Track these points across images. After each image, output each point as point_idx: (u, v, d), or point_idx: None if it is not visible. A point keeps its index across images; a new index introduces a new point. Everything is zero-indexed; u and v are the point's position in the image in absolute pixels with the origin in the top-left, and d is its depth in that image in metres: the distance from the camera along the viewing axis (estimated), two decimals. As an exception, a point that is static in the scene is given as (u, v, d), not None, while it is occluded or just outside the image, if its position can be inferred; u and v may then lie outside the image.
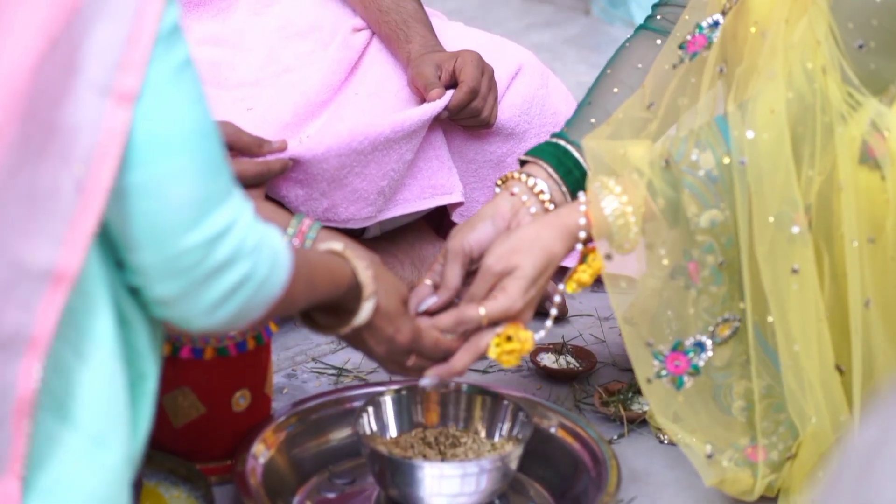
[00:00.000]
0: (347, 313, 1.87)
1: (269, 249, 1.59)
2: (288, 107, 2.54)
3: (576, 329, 2.60)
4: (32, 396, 1.47)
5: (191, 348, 2.05)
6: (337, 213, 2.43)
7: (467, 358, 2.01)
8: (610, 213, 1.99)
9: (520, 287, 1.99)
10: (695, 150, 1.98)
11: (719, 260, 2.02)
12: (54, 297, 1.46)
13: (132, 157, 1.48)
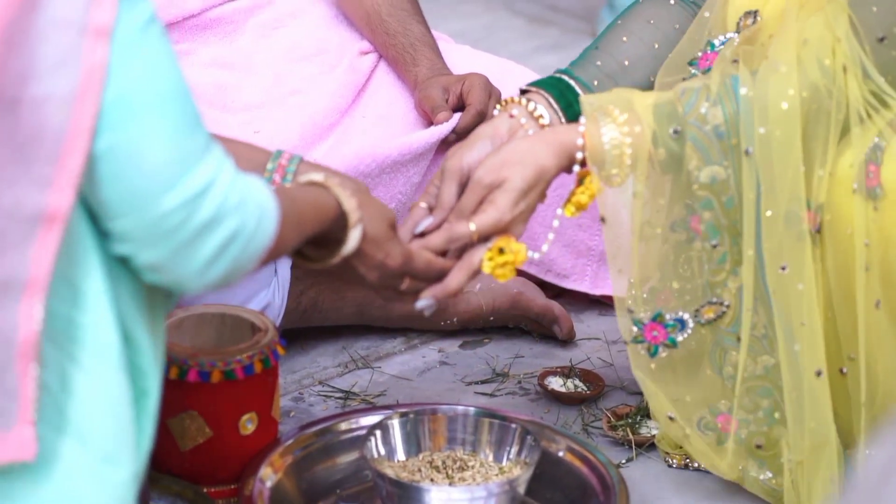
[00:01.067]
0: (335, 243, 1.85)
1: (254, 201, 1.57)
2: (295, 130, 2.54)
3: (583, 352, 2.59)
4: (36, 339, 1.46)
5: (198, 371, 2.04)
6: (344, 236, 2.42)
7: (461, 276, 2.00)
8: (608, 140, 1.98)
9: (509, 199, 1.98)
10: (705, 104, 1.97)
11: (720, 219, 2.00)
12: (47, 239, 1.46)
13: (101, 122, 1.47)
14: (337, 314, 2.55)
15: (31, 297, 1.47)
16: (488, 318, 2.62)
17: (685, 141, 1.98)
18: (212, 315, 2.18)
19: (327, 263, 1.87)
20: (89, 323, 1.52)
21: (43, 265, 1.47)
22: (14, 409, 1.48)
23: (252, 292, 2.41)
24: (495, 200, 1.98)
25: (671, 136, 1.98)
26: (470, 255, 2.00)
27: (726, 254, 2.03)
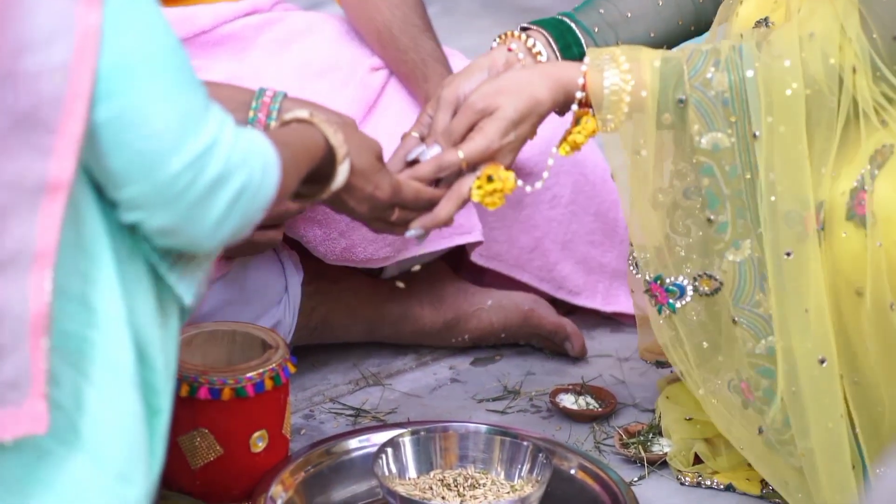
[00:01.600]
0: (325, 179, 1.86)
1: (257, 154, 1.58)
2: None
3: (595, 370, 2.58)
4: (47, 311, 1.47)
5: (208, 388, 2.04)
6: (355, 253, 2.42)
7: (450, 205, 2.01)
8: (608, 84, 1.98)
9: (498, 128, 1.98)
10: (711, 69, 1.96)
11: (721, 188, 1.98)
12: (52, 209, 1.46)
13: (100, 90, 1.47)
14: (347, 331, 2.54)
15: (41, 270, 1.47)
16: (500, 336, 2.62)
17: (688, 105, 1.97)
18: (222, 332, 2.18)
19: (318, 199, 1.89)
20: (104, 341, 1.52)
21: (49, 236, 1.47)
22: (27, 383, 1.48)
23: (263, 309, 2.41)
24: (484, 128, 1.98)
25: (676, 103, 1.97)
26: (459, 184, 2.01)
27: (727, 223, 2.01)
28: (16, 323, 1.47)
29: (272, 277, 2.43)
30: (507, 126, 1.99)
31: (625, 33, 2.17)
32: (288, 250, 2.47)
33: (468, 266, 2.69)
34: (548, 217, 2.66)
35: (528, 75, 2.01)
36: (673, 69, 1.98)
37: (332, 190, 1.87)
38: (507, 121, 1.98)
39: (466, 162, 2.00)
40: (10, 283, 1.47)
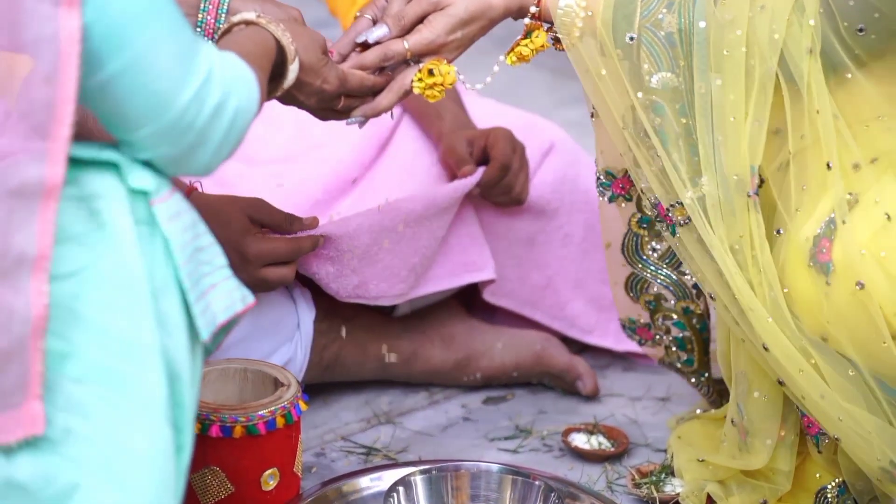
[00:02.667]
0: (277, 78, 1.92)
1: (241, 76, 1.67)
2: (318, 183, 2.54)
3: (608, 409, 2.57)
4: (45, 313, 1.51)
5: (220, 426, 2.03)
6: (368, 289, 2.42)
7: (392, 95, 2.07)
8: (562, 6, 2.02)
9: (446, 24, 2.03)
10: (663, 10, 2.00)
11: (673, 126, 2.01)
12: (47, 212, 1.51)
13: (105, 48, 1.54)
14: (359, 369, 2.54)
15: (39, 273, 1.51)
16: (512, 374, 2.61)
17: (640, 44, 2.00)
18: (234, 370, 2.17)
19: (269, 98, 1.95)
20: (139, 376, 1.53)
21: (46, 238, 1.51)
22: (25, 386, 1.51)
23: (275, 347, 2.40)
24: (433, 22, 2.04)
25: (626, 41, 2.00)
26: (402, 76, 2.07)
27: (682, 161, 2.02)
28: (20, 328, 1.50)
29: (284, 315, 2.43)
30: (455, 23, 2.04)
31: None
32: (300, 287, 2.46)
33: (480, 304, 2.69)
34: (560, 255, 2.66)
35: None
36: (627, 5, 2.01)
37: (284, 88, 1.94)
38: (456, 18, 2.04)
39: (411, 52, 2.05)
40: (14, 288, 1.50)
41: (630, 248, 2.27)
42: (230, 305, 1.67)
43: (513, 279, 2.64)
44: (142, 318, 1.55)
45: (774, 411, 2.14)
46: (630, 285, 2.32)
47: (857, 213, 1.93)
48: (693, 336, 2.36)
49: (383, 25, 2.05)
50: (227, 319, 1.66)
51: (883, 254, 1.90)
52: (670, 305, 2.32)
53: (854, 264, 1.91)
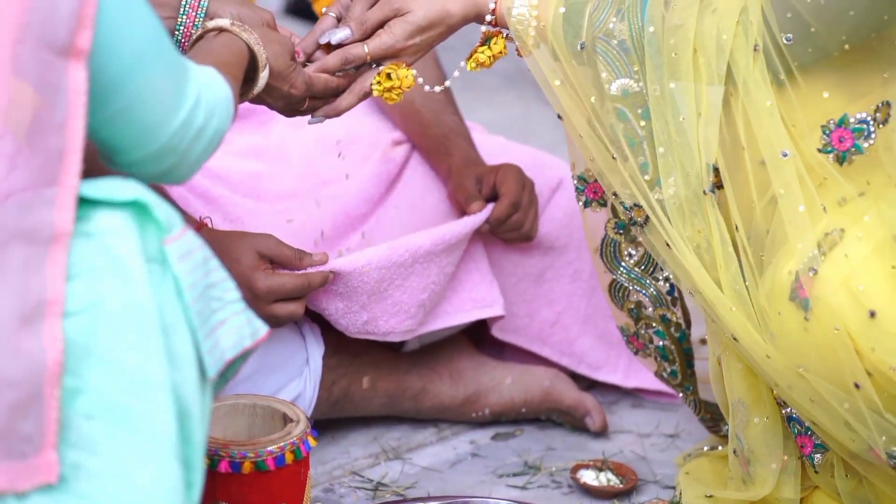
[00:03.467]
0: (248, 82, 2.03)
1: (223, 100, 1.74)
2: (328, 219, 2.55)
3: (616, 445, 2.57)
4: (61, 360, 1.52)
5: (229, 462, 2.03)
6: (377, 325, 2.42)
7: (352, 97, 2.16)
8: (515, 14, 2.09)
9: (405, 30, 2.12)
10: (613, 19, 2.04)
11: (636, 131, 2.04)
12: (58, 257, 1.54)
13: (108, 90, 1.60)
14: (368, 405, 2.54)
15: (53, 318, 1.52)
16: (520, 410, 2.61)
17: (595, 54, 2.04)
18: (243, 405, 2.17)
19: (241, 102, 2.04)
20: (149, 412, 1.53)
21: (58, 283, 1.53)
22: (41, 435, 1.51)
23: (284, 382, 2.41)
24: (393, 28, 2.12)
25: (577, 49, 2.05)
26: (362, 79, 2.16)
27: (647, 163, 2.06)
28: (36, 376, 1.51)
29: (294, 350, 2.43)
30: (413, 30, 2.12)
31: None
32: (309, 323, 2.47)
33: (489, 340, 2.69)
34: (569, 291, 2.66)
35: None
36: (576, 16, 2.06)
37: (254, 93, 2.04)
38: (414, 25, 2.12)
39: (371, 56, 2.13)
40: (31, 337, 1.51)
41: (608, 253, 2.30)
42: (239, 341, 1.67)
43: (522, 315, 2.65)
44: (152, 354, 1.55)
45: (775, 435, 2.14)
46: (613, 292, 2.34)
47: (840, 249, 1.94)
48: (673, 346, 2.36)
49: (346, 28, 2.15)
50: (236, 356, 1.67)
51: (861, 287, 1.91)
52: (649, 313, 2.33)
53: (831, 301, 1.92)
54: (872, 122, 1.98)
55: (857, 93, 2.00)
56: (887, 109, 1.98)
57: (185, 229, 1.62)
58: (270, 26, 2.12)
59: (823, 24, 1.95)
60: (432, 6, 2.12)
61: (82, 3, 1.56)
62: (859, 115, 1.98)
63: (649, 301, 2.32)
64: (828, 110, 1.99)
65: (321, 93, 2.14)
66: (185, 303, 1.60)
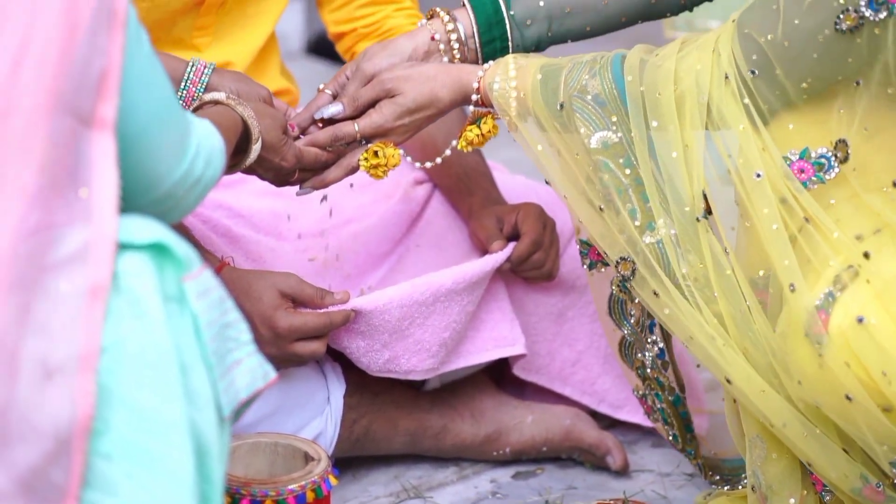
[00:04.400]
0: (240, 154, 2.12)
1: (217, 150, 1.80)
2: (349, 258, 2.56)
3: (637, 484, 2.57)
4: (92, 413, 1.52)
5: (250, 500, 2.04)
6: (399, 364, 2.42)
7: (339, 171, 2.26)
8: (496, 88, 2.16)
9: (394, 111, 2.21)
10: (585, 76, 2.10)
11: (621, 180, 2.08)
12: (94, 312, 1.54)
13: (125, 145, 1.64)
14: (389, 443, 2.54)
15: (86, 373, 1.52)
16: (541, 449, 2.61)
17: (573, 112, 2.09)
18: (265, 444, 2.18)
19: (233, 171, 2.15)
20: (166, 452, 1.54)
21: (93, 339, 1.53)
22: (65, 488, 1.51)
23: (305, 421, 2.41)
24: (383, 108, 2.21)
25: (557, 110, 2.11)
26: (350, 154, 2.26)
27: (635, 210, 2.09)
28: (65, 429, 1.51)
29: (315, 389, 2.44)
30: (402, 112, 2.21)
31: (559, 27, 2.31)
32: (331, 362, 2.47)
33: (509, 379, 2.69)
34: (590, 330, 2.67)
35: (435, 72, 2.22)
36: (553, 80, 2.12)
37: (247, 164, 2.13)
38: (404, 107, 2.20)
39: (361, 135, 2.22)
40: (60, 389, 1.51)
41: (616, 311, 2.32)
42: (252, 382, 1.68)
43: (543, 354, 2.65)
44: (171, 395, 1.55)
45: (793, 470, 2.14)
46: (623, 350, 2.36)
47: (855, 286, 1.95)
48: (670, 409, 2.37)
49: (339, 104, 2.24)
50: (249, 396, 1.68)
51: (874, 321, 1.91)
52: (648, 373, 2.34)
53: (847, 337, 1.92)
54: (834, 159, 2.00)
55: (819, 127, 2.02)
56: (845, 148, 2.01)
57: (204, 267, 1.63)
58: (266, 102, 2.23)
59: (787, 66, 1.99)
60: (422, 90, 2.20)
61: (105, 74, 1.59)
62: (820, 150, 2.02)
63: (649, 362, 2.34)
64: (791, 141, 2.02)
65: (310, 166, 2.24)
66: (202, 341, 1.61)
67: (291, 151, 2.20)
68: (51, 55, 1.55)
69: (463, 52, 2.30)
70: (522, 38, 2.29)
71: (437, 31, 2.30)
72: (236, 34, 2.57)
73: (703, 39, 2.07)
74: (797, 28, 1.97)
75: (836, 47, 1.97)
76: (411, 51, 2.29)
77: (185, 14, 2.47)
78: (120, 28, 1.60)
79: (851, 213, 2.00)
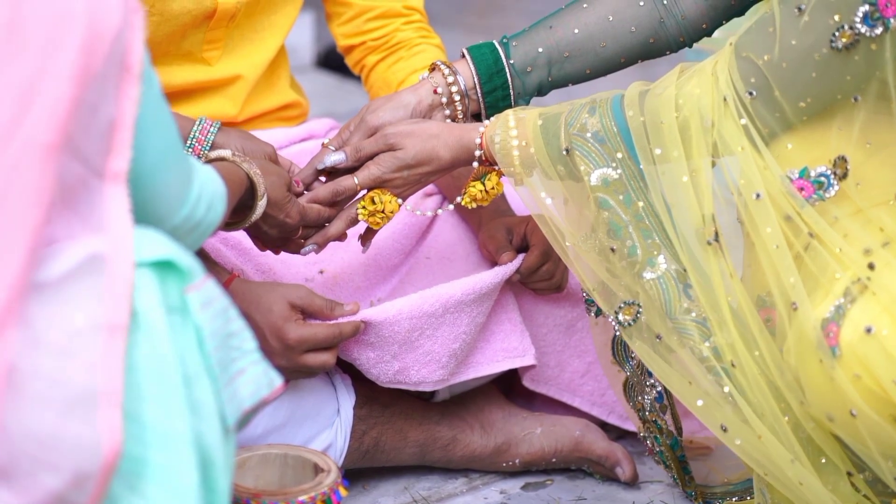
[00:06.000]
0: (245, 210, 2.17)
1: (220, 193, 1.82)
2: (359, 270, 2.56)
3: (647, 495, 2.57)
4: (119, 449, 1.51)
5: (259, 511, 2.04)
6: (408, 375, 2.43)
7: (340, 223, 2.31)
8: (498, 141, 2.18)
9: (393, 164, 2.25)
10: (585, 115, 2.11)
11: (620, 216, 2.09)
12: (112, 349, 1.53)
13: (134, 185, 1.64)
14: (399, 454, 2.54)
15: (109, 409, 1.51)
16: (551, 460, 2.61)
17: (574, 151, 2.11)
18: (275, 455, 2.18)
19: (238, 227, 2.20)
20: (168, 464, 1.54)
21: (114, 376, 1.52)
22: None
23: (315, 432, 2.42)
24: (381, 161, 2.25)
25: (561, 154, 2.12)
26: (350, 206, 2.31)
27: (635, 246, 2.10)
28: (87, 461, 1.51)
29: (325, 400, 2.44)
30: (401, 165, 2.25)
31: (558, 71, 2.35)
32: (340, 373, 2.48)
33: (519, 390, 2.69)
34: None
35: (439, 130, 2.25)
36: (553, 123, 2.14)
37: (252, 220, 2.17)
38: (403, 161, 2.24)
39: (360, 187, 2.27)
40: (81, 421, 1.51)
41: (620, 351, 2.33)
42: (256, 391, 1.69)
43: (552, 365, 2.65)
44: (174, 408, 1.56)
45: None
46: (627, 392, 2.37)
47: (865, 298, 1.95)
48: (668, 452, 2.38)
49: (341, 153, 2.28)
50: (254, 406, 1.68)
51: (885, 332, 1.92)
52: (647, 416, 2.35)
53: (857, 348, 1.92)
54: (833, 176, 2.01)
55: (818, 146, 2.02)
56: (844, 164, 2.01)
57: (206, 278, 1.64)
58: (271, 158, 2.28)
59: (785, 86, 2.00)
60: (423, 147, 2.23)
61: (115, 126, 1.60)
62: (819, 168, 2.02)
63: (648, 405, 2.35)
64: (790, 161, 2.03)
65: (314, 222, 2.28)
66: (205, 352, 1.61)
67: (295, 208, 2.24)
68: (65, 93, 1.54)
69: (464, 103, 2.34)
70: (524, 86, 2.33)
71: (439, 84, 2.34)
72: (246, 48, 2.59)
73: (700, 65, 2.09)
74: (794, 48, 1.98)
75: (833, 65, 1.97)
76: (415, 104, 2.33)
77: (196, 28, 2.48)
78: (133, 81, 1.60)
79: (859, 228, 2.00)
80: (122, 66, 1.59)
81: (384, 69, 2.68)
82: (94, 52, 1.55)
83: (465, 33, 2.38)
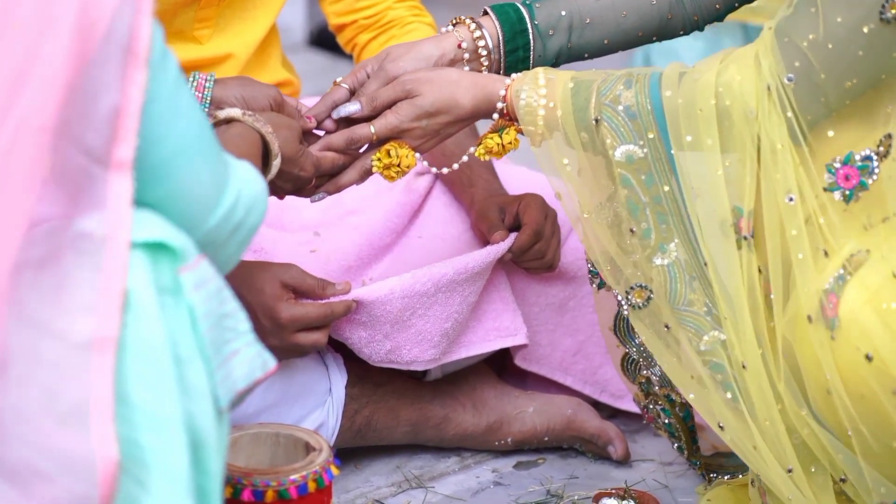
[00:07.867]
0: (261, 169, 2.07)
1: (260, 193, 1.75)
2: (352, 250, 2.56)
3: (639, 474, 2.57)
4: (116, 463, 1.50)
5: (251, 491, 2.03)
6: (400, 354, 2.43)
7: (353, 173, 2.21)
8: (524, 97, 2.10)
9: (411, 112, 2.16)
10: (620, 87, 2.05)
11: (640, 197, 2.06)
12: (102, 363, 1.51)
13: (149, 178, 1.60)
14: (391, 433, 2.55)
15: (101, 423, 1.50)
16: (543, 439, 2.62)
17: (602, 122, 2.06)
18: (266, 434, 2.18)
19: None
20: (159, 446, 1.53)
21: (104, 391, 1.50)
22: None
23: (307, 411, 2.42)
24: (399, 109, 2.17)
25: (591, 122, 2.06)
26: (364, 157, 2.20)
27: (650, 229, 2.07)
28: (85, 473, 1.50)
29: (316, 380, 2.44)
30: (420, 113, 2.16)
31: (578, 38, 2.29)
32: (332, 352, 2.48)
33: (511, 369, 2.70)
34: (591, 321, 2.67)
35: (458, 78, 2.17)
36: (585, 89, 2.08)
37: (268, 179, 2.08)
38: (421, 109, 2.16)
39: (377, 137, 2.18)
40: (75, 434, 1.50)
41: (622, 329, 2.31)
42: (250, 372, 1.68)
43: (544, 344, 2.65)
44: (164, 390, 1.55)
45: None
46: (625, 366, 2.36)
47: (865, 270, 1.95)
48: (679, 424, 2.38)
49: (357, 103, 2.19)
50: (247, 387, 1.68)
51: (884, 306, 1.91)
52: (656, 390, 2.35)
53: (858, 319, 1.92)
54: (876, 157, 1.98)
55: (862, 130, 2.00)
56: (889, 141, 1.98)
57: (200, 258, 1.63)
58: (277, 102, 2.18)
59: (830, 67, 1.96)
60: (442, 93, 2.15)
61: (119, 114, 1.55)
62: (863, 151, 1.98)
63: (657, 379, 2.34)
64: (833, 149, 2.00)
65: (327, 172, 2.20)
66: (199, 332, 1.60)
67: (309, 160, 2.16)
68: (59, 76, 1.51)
69: (490, 60, 2.27)
70: (545, 49, 2.27)
71: (465, 38, 2.26)
72: (237, 26, 2.58)
73: (741, 51, 2.02)
74: (840, 25, 1.93)
75: (881, 39, 1.92)
76: (438, 56, 2.25)
77: (187, 6, 2.47)
78: (139, 66, 1.55)
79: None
80: (126, 50, 1.54)
81: (376, 48, 2.68)
82: (89, 36, 1.52)
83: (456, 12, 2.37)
